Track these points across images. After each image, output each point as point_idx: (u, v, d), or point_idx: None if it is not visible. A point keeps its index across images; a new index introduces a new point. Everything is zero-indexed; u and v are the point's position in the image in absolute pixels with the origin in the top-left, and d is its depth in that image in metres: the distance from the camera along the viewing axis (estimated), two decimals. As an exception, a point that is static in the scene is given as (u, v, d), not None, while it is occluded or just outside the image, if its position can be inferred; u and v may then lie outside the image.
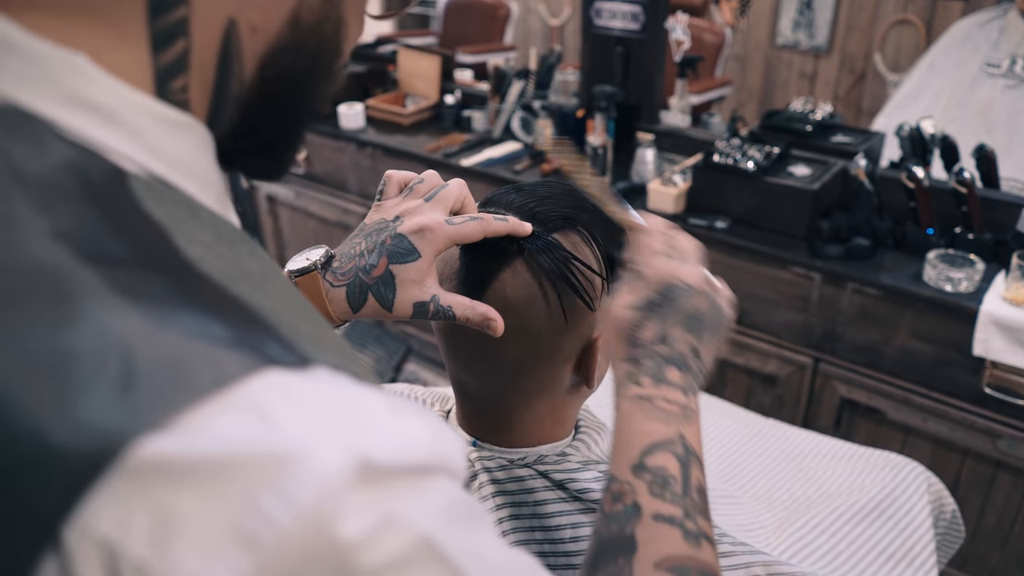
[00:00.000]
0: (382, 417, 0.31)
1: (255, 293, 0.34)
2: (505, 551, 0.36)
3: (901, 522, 1.17)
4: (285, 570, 0.27)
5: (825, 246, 1.75)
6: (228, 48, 0.37)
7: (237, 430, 0.28)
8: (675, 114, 2.35)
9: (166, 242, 0.32)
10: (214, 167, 0.39)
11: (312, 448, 0.28)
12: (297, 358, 0.31)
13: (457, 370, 0.74)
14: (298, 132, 0.44)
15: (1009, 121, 2.45)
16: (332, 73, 0.43)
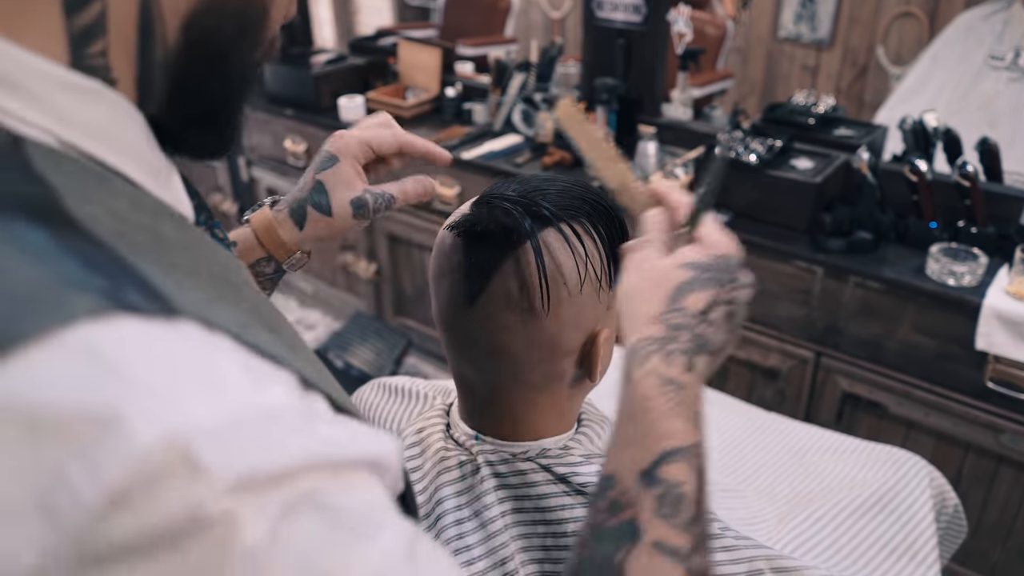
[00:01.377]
0: (234, 384, 0.29)
1: (152, 252, 0.33)
2: None
3: (903, 516, 1.17)
4: (85, 545, 0.25)
5: (827, 239, 1.74)
6: (147, 8, 0.36)
7: (64, 379, 0.26)
8: (677, 107, 2.34)
9: (50, 199, 0.31)
10: (143, 139, 0.38)
11: (133, 415, 0.26)
12: (160, 306, 0.29)
13: (459, 363, 0.74)
14: (234, 105, 0.44)
15: (1013, 114, 2.44)
16: (262, 38, 0.42)
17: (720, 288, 0.53)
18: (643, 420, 0.47)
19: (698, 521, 0.45)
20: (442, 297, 0.72)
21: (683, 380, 0.49)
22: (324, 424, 0.32)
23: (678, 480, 0.45)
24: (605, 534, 0.45)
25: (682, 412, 0.48)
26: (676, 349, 0.49)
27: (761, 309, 1.87)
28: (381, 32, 3.40)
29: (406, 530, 0.32)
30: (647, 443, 0.47)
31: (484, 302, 0.68)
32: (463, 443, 0.75)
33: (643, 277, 0.53)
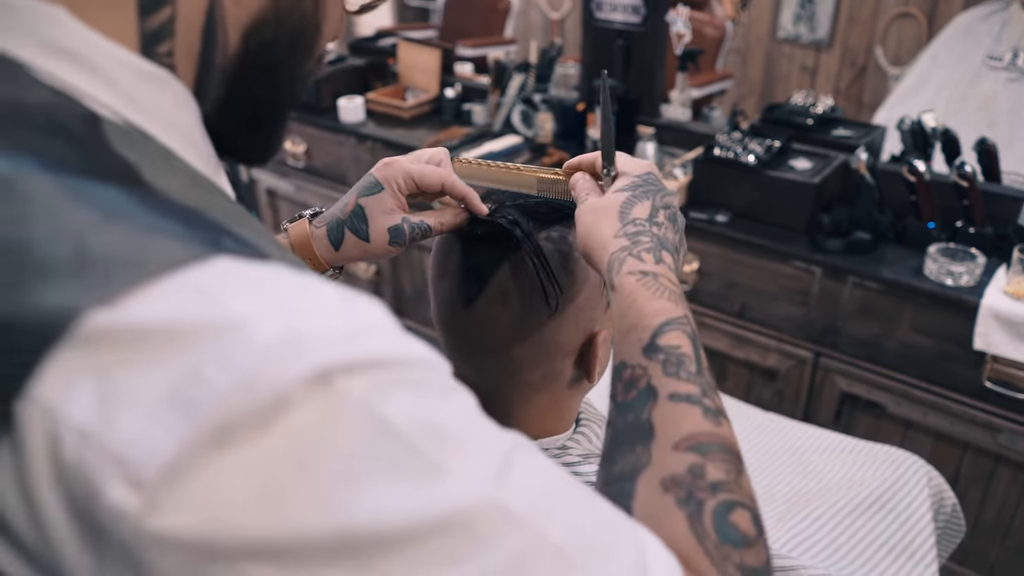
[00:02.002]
0: (331, 302, 0.32)
1: (223, 217, 0.36)
2: (477, 426, 0.35)
3: (901, 516, 1.17)
4: (222, 429, 0.28)
5: (826, 240, 1.75)
6: (212, 17, 0.39)
7: (180, 305, 0.29)
8: (676, 107, 2.35)
9: (131, 171, 0.34)
10: (198, 128, 0.41)
11: (251, 320, 0.29)
12: (253, 250, 0.33)
13: (458, 364, 0.74)
14: (282, 110, 0.47)
15: (1011, 114, 2.44)
16: (312, 52, 0.45)
17: (654, 197, 0.61)
18: (633, 309, 0.54)
19: (701, 372, 0.51)
20: (441, 298, 0.72)
21: (656, 270, 0.55)
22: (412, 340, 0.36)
23: (676, 344, 0.52)
24: (629, 405, 0.51)
25: (663, 294, 0.54)
26: (641, 249, 0.57)
27: (760, 309, 1.87)
28: (380, 33, 3.40)
29: None
30: (642, 324, 0.53)
31: (483, 303, 0.68)
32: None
33: (593, 215, 0.61)
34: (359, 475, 0.29)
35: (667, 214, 0.60)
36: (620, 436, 0.50)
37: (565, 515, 0.36)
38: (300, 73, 0.45)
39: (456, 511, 0.31)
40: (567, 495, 0.37)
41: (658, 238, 0.58)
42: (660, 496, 0.45)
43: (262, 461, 0.28)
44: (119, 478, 0.27)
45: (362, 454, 0.30)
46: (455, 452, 0.32)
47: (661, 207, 0.60)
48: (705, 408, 0.49)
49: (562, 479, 0.38)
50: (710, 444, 0.47)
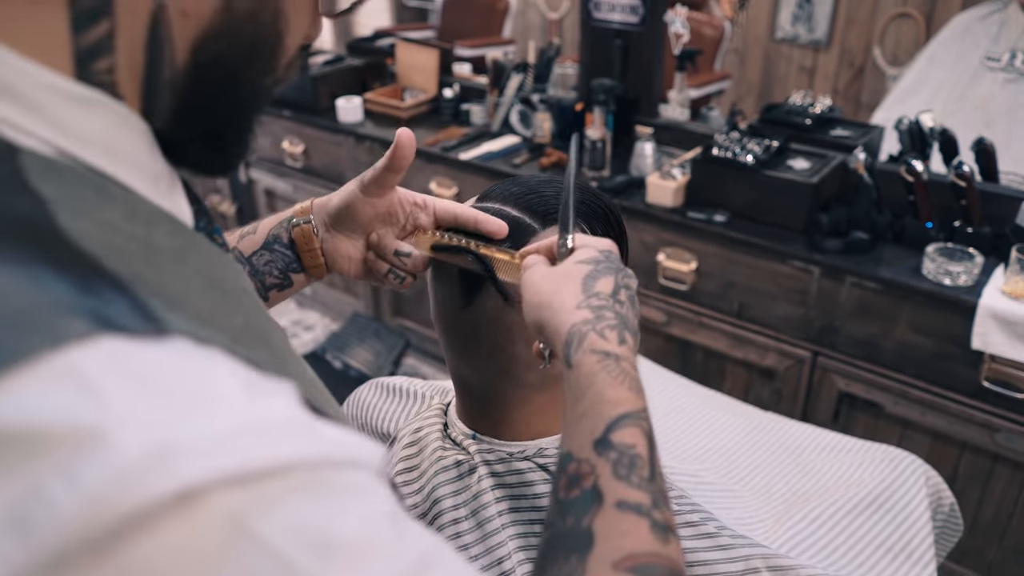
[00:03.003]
0: (223, 397, 0.29)
1: (146, 267, 0.33)
2: None
3: (899, 515, 1.17)
4: (60, 555, 0.25)
5: (824, 240, 1.75)
6: (157, 31, 0.36)
7: (47, 401, 0.26)
8: (674, 107, 2.35)
9: (44, 215, 0.31)
10: (144, 148, 0.38)
11: (116, 426, 0.26)
12: (150, 325, 0.30)
13: (457, 364, 0.74)
14: (241, 125, 0.43)
15: (1008, 115, 2.44)
16: (274, 63, 0.42)
17: (616, 275, 0.56)
18: (589, 394, 0.49)
19: (654, 479, 0.47)
20: (440, 298, 0.72)
21: (619, 352, 0.51)
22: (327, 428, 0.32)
23: (630, 443, 0.47)
24: (570, 505, 0.46)
25: (624, 381, 0.49)
26: (605, 326, 0.52)
27: (758, 309, 1.87)
28: (379, 33, 3.40)
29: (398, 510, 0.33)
30: (596, 412, 0.48)
31: (481, 304, 0.68)
32: (460, 442, 0.75)
33: (550, 281, 0.56)
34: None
35: (628, 295, 0.56)
36: (556, 541, 0.45)
37: None
38: (262, 84, 0.42)
39: None
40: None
41: (621, 317, 0.53)
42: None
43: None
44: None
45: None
46: (343, 571, 0.28)
47: (623, 286, 0.56)
48: (653, 522, 0.45)
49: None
50: (654, 567, 0.43)
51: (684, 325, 2.00)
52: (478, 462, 0.73)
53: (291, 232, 0.72)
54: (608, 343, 0.51)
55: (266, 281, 0.74)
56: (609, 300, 0.54)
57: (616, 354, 0.51)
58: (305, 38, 0.45)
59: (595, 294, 0.54)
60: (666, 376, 1.57)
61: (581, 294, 0.54)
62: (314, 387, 0.42)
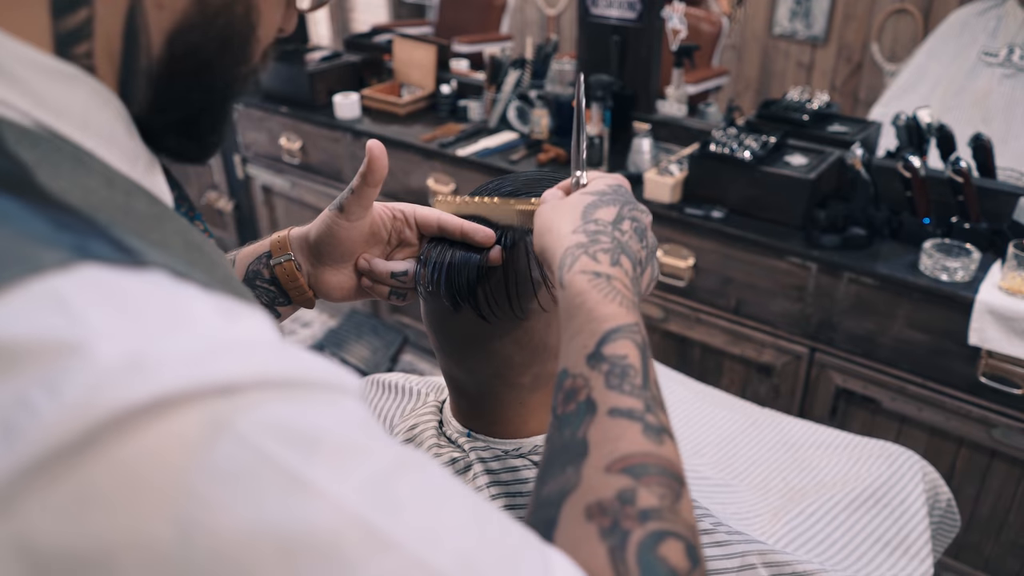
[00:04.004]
0: (201, 317, 0.30)
1: (124, 219, 0.34)
2: None
3: (896, 511, 1.17)
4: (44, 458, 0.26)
5: (821, 236, 1.75)
6: (133, 21, 0.38)
7: (28, 319, 0.27)
8: (671, 104, 2.35)
9: (21, 171, 0.32)
10: (121, 127, 0.39)
11: (95, 339, 0.27)
12: (128, 257, 0.31)
13: (449, 365, 0.74)
14: (216, 113, 0.45)
15: (1006, 110, 2.44)
16: (247, 54, 0.43)
17: (622, 206, 0.57)
18: (580, 311, 0.50)
19: (647, 386, 0.47)
20: (430, 303, 0.72)
21: (611, 272, 0.52)
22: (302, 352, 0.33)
23: (622, 354, 0.48)
24: (566, 420, 0.47)
25: (615, 298, 0.50)
26: (599, 249, 0.53)
27: (755, 305, 1.88)
28: (376, 29, 3.39)
29: None
30: (588, 329, 0.49)
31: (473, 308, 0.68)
32: (455, 440, 0.75)
33: (554, 210, 0.58)
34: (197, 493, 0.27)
35: (633, 226, 0.57)
36: (554, 454, 0.46)
37: (457, 540, 0.32)
38: (235, 75, 0.43)
39: (314, 530, 0.28)
40: (463, 518, 0.33)
41: (619, 243, 0.54)
42: (582, 525, 0.41)
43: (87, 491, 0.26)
44: None
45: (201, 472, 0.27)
46: (322, 465, 0.29)
47: (628, 217, 0.57)
48: (646, 425, 0.45)
49: (461, 500, 0.34)
50: (646, 466, 0.43)
51: (682, 321, 2.00)
52: (473, 460, 0.73)
53: (272, 270, 0.71)
54: (599, 264, 0.52)
55: None
56: (607, 227, 0.55)
57: (607, 274, 0.51)
58: (279, 31, 0.46)
59: (593, 220, 0.55)
60: (664, 372, 1.57)
61: (579, 220, 0.55)
62: None
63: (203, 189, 3.26)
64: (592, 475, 0.43)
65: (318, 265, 0.71)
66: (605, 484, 0.42)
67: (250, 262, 0.72)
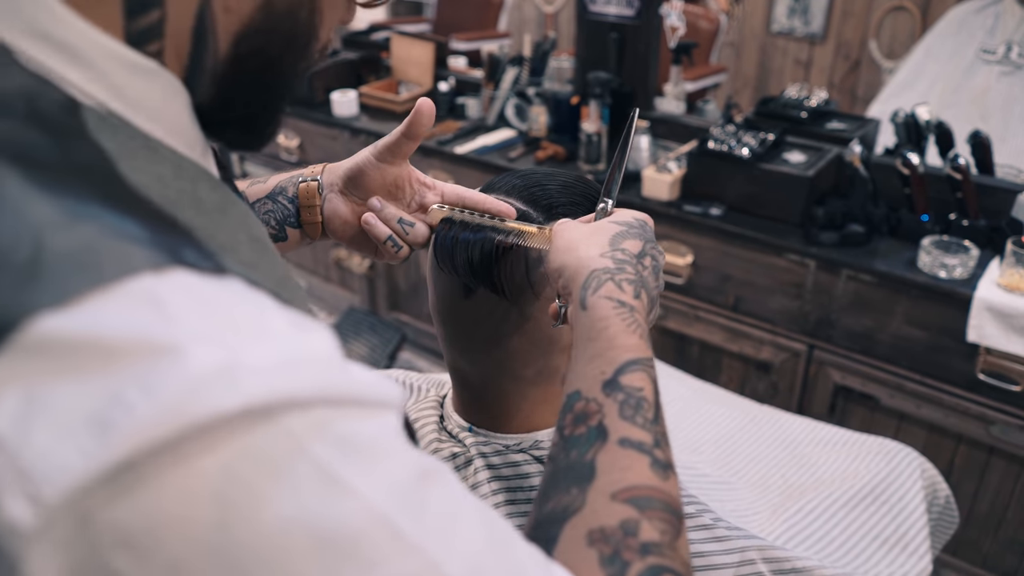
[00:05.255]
0: (279, 331, 0.32)
1: (197, 217, 0.36)
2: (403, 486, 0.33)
3: (895, 508, 1.17)
4: (135, 456, 0.27)
5: (820, 233, 1.75)
6: (203, 23, 0.39)
7: (127, 318, 0.29)
8: (670, 101, 2.34)
9: (106, 163, 0.34)
10: (187, 117, 0.41)
11: (189, 344, 0.29)
12: (212, 264, 0.33)
13: (454, 357, 0.74)
14: (275, 108, 0.47)
15: (1004, 108, 2.45)
16: (308, 54, 0.45)
17: (646, 243, 0.59)
18: (602, 337, 0.51)
19: (657, 421, 0.48)
20: (440, 289, 0.72)
21: (634, 304, 0.53)
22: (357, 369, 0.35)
23: (638, 386, 0.49)
24: (575, 441, 0.48)
25: (636, 330, 0.51)
26: (624, 279, 0.54)
27: (754, 302, 1.88)
28: (374, 27, 3.39)
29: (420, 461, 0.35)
30: (608, 356, 0.50)
31: (482, 295, 0.68)
32: (456, 435, 0.75)
33: (580, 231, 0.59)
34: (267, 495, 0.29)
35: (652, 264, 0.58)
36: (559, 473, 0.47)
37: (469, 548, 0.33)
38: (293, 72, 0.45)
39: (344, 527, 0.30)
40: (476, 529, 0.35)
41: (641, 277, 0.55)
42: (583, 549, 0.42)
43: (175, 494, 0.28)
44: (20, 492, 0.27)
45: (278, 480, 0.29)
46: (359, 467, 0.31)
47: (650, 254, 0.58)
48: (654, 459, 0.46)
49: (476, 512, 0.36)
50: (651, 499, 0.44)
51: (680, 319, 2.00)
52: (474, 454, 0.73)
53: (297, 187, 0.73)
54: (624, 294, 0.53)
55: None
56: (633, 259, 0.56)
57: (631, 305, 0.52)
58: (340, 22, 0.47)
59: (620, 249, 0.56)
60: (662, 370, 1.56)
61: (607, 245, 0.56)
62: None
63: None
64: (597, 500, 0.44)
65: (339, 193, 0.72)
66: (610, 511, 0.43)
67: (282, 179, 0.74)
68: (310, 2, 0.42)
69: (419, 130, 0.69)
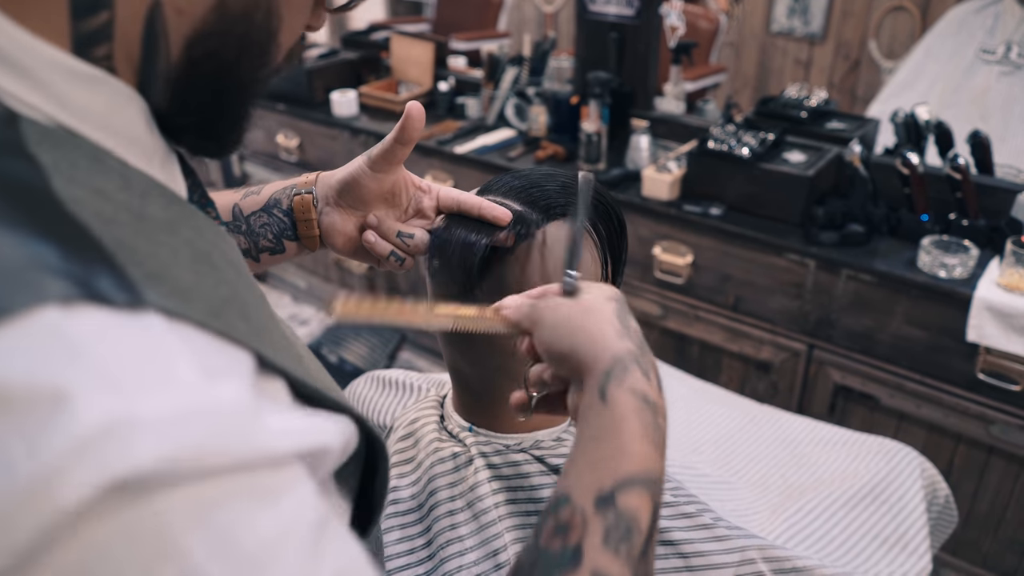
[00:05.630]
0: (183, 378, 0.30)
1: (133, 236, 0.34)
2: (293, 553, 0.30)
3: (895, 507, 1.17)
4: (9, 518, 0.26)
5: (820, 232, 1.75)
6: (153, 26, 0.38)
7: (24, 356, 0.27)
8: (670, 100, 2.34)
9: (37, 179, 0.32)
10: (142, 126, 0.39)
11: (80, 398, 0.27)
12: (129, 298, 0.31)
13: (454, 357, 0.74)
14: (236, 114, 0.44)
15: (1004, 107, 2.45)
16: (267, 60, 0.43)
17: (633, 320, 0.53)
18: (614, 440, 0.46)
19: (646, 555, 0.43)
20: (437, 290, 0.72)
21: (657, 402, 0.48)
22: (274, 413, 0.33)
23: (633, 510, 0.44)
24: (548, 557, 0.43)
25: (653, 436, 0.46)
26: (649, 364, 0.50)
27: (754, 302, 1.88)
28: (373, 26, 3.39)
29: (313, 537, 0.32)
30: (611, 465, 0.45)
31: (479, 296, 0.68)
32: (457, 435, 0.75)
33: (574, 308, 0.52)
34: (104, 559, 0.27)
35: None
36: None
37: None
38: (254, 78, 0.43)
39: None
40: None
41: (651, 363, 0.50)
42: None
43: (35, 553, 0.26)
44: None
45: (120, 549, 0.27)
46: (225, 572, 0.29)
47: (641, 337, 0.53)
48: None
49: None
50: None
51: (680, 318, 2.00)
52: (475, 454, 0.73)
53: (291, 199, 0.73)
54: (648, 386, 0.48)
55: (259, 243, 0.74)
56: (640, 343, 0.51)
57: (654, 402, 0.48)
58: (308, 28, 0.46)
59: (633, 329, 0.51)
60: (662, 369, 1.56)
61: (619, 325, 0.51)
62: (300, 361, 0.42)
63: (200, 187, 3.25)
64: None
65: (334, 205, 0.72)
66: None
67: (276, 191, 0.74)
68: (267, 5, 0.41)
69: (411, 134, 0.67)
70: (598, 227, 0.70)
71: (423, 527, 0.72)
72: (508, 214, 0.67)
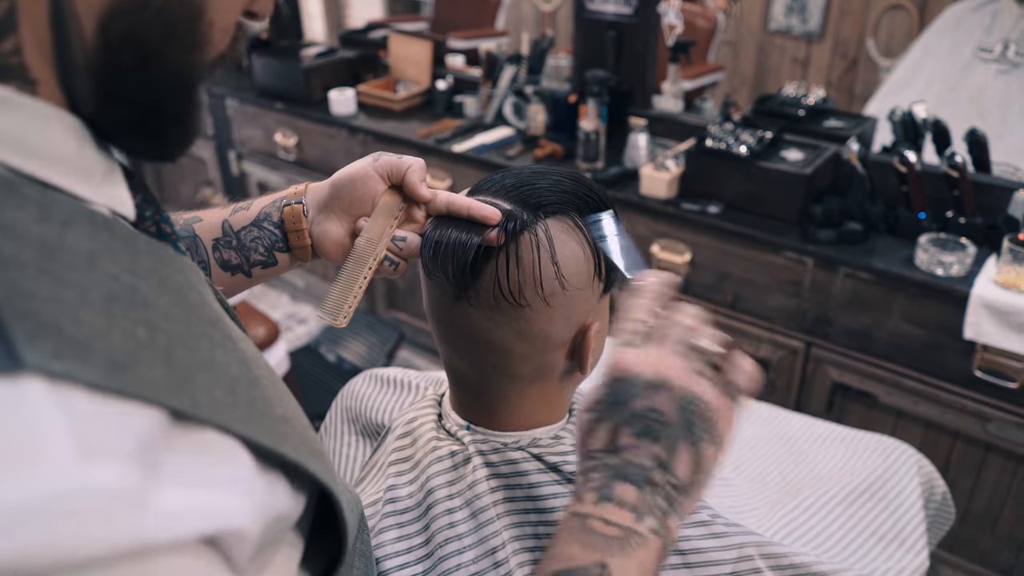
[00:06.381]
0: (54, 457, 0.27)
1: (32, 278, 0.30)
2: None
3: (892, 504, 1.18)
4: None
5: (817, 231, 1.75)
6: (59, 6, 0.34)
7: None
8: (668, 99, 2.35)
9: None
10: (70, 141, 0.36)
11: None
12: (4, 362, 0.28)
13: (450, 356, 0.74)
14: (175, 107, 0.40)
15: (1001, 106, 2.45)
16: (199, 41, 0.39)
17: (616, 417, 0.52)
18: (548, 549, 0.51)
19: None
20: (433, 290, 0.72)
21: (588, 511, 0.51)
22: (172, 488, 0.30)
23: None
24: None
25: (580, 537, 0.50)
26: (587, 486, 0.52)
27: (752, 300, 1.88)
28: (371, 25, 3.39)
29: None
30: (542, 568, 0.50)
31: (475, 296, 0.68)
32: (454, 433, 0.75)
33: None
34: None
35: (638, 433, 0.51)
36: None
37: None
38: (189, 64, 0.39)
39: None
40: None
41: (613, 470, 0.51)
42: None
43: None
44: None
45: None
46: None
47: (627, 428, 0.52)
48: None
49: None
50: None
51: (678, 316, 2.00)
52: (472, 452, 0.73)
53: (282, 211, 0.73)
54: (582, 505, 0.52)
55: (251, 257, 0.74)
56: (600, 458, 0.52)
57: (585, 514, 0.51)
58: (251, 15, 0.43)
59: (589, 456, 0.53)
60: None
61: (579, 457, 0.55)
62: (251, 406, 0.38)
63: (198, 185, 3.25)
64: None
65: (326, 213, 0.72)
66: None
67: (265, 204, 0.74)
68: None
69: None
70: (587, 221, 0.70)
71: (421, 526, 0.72)
72: (497, 213, 0.67)
